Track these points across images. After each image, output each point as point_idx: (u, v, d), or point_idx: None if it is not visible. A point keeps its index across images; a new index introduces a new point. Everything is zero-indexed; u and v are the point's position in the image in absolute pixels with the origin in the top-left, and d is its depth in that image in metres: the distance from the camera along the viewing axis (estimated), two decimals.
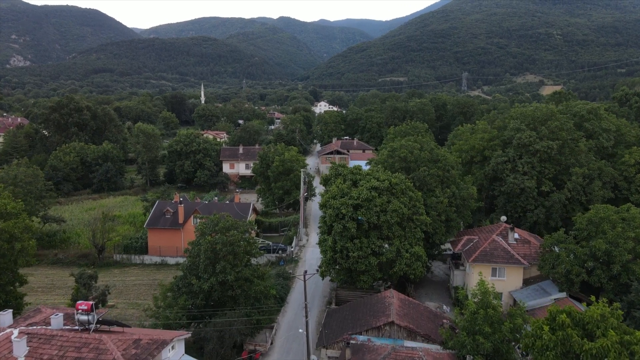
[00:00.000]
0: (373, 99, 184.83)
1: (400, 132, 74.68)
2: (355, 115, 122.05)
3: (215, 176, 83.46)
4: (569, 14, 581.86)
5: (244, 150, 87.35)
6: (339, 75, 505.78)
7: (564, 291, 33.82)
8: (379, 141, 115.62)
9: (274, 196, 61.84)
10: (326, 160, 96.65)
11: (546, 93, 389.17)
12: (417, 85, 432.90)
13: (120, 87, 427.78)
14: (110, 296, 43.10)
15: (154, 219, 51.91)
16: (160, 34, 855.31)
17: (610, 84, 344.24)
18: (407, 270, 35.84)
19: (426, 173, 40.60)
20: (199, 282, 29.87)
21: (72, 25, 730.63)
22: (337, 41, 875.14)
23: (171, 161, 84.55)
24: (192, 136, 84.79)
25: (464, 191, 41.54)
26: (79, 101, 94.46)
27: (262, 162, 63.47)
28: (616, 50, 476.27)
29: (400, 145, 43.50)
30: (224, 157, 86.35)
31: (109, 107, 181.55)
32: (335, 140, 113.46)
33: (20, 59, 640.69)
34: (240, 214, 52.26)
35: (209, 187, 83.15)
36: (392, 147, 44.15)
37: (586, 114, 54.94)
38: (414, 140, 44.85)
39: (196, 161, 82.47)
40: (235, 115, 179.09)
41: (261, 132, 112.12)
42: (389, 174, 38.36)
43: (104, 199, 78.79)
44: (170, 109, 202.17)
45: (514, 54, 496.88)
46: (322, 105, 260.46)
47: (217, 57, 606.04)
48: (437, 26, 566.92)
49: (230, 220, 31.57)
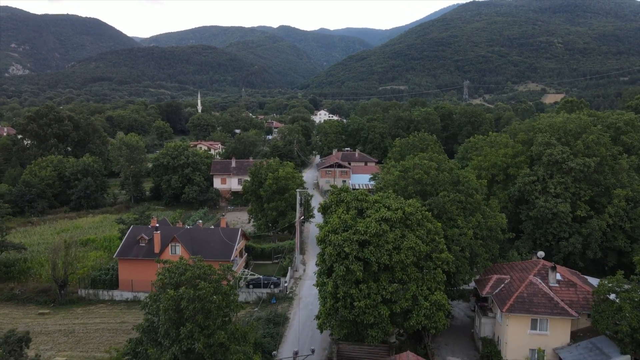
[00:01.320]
0: (374, 108, 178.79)
1: (406, 144, 68.05)
2: (356, 125, 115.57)
3: (205, 192, 76.52)
4: (569, 23, 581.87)
5: (237, 164, 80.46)
6: (339, 83, 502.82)
7: (627, 353, 26.62)
8: (382, 152, 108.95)
9: (267, 218, 54.78)
10: (326, 174, 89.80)
11: (548, 101, 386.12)
12: (418, 93, 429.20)
13: (119, 96, 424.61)
14: (64, 345, 35.93)
15: (126, 247, 44.72)
16: (160, 42, 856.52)
17: (615, 93, 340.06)
18: (427, 323, 28.68)
19: (446, 199, 33.59)
20: (157, 351, 22.68)
21: (72, 34, 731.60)
22: (337, 50, 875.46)
23: (157, 176, 77.68)
24: (181, 149, 78.04)
25: (490, 220, 34.46)
26: (60, 111, 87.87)
27: (253, 179, 56.51)
28: (618, 59, 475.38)
29: (413, 165, 36.53)
30: (214, 171, 79.41)
31: (101, 116, 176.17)
32: (335, 151, 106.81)
33: (19, 68, 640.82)
34: (226, 242, 45.17)
35: (198, 204, 76.16)
36: (404, 166, 37.14)
37: (623, 126, 48.10)
38: (429, 158, 37.89)
39: (184, 176, 75.60)
40: (232, 125, 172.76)
41: (257, 144, 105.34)
42: (401, 201, 31.35)
43: (82, 217, 71.66)
44: (166, 118, 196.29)
45: (515, 62, 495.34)
46: (321, 114, 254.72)
47: (216, 66, 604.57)
48: (438, 34, 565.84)
49: (201, 268, 24.42)
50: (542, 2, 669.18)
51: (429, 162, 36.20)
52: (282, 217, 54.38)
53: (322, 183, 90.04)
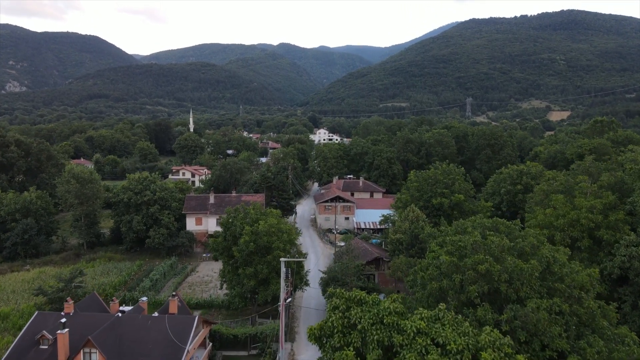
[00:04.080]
0: (378, 127, 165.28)
1: (426, 179, 53.46)
2: (360, 148, 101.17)
3: (174, 236, 61.35)
4: (570, 40, 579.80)
5: (217, 201, 65.37)
6: (339, 100, 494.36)
7: None
8: (390, 180, 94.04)
9: (243, 287, 39.46)
10: (325, 209, 74.72)
11: (554, 118, 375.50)
12: (419, 110, 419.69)
13: (114, 113, 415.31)
14: None
15: (18, 351, 29.34)
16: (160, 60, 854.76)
17: (624, 110, 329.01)
18: None
19: (541, 312, 18.48)
20: None
21: (71, 51, 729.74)
22: (337, 67, 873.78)
23: (117, 215, 62.69)
24: (146, 182, 63.24)
25: (619, 352, 19.14)
26: (5, 134, 73.32)
27: (225, 232, 41.41)
28: (622, 76, 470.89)
29: (471, 243, 21.49)
30: (188, 209, 64.22)
31: (81, 136, 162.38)
32: (336, 179, 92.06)
33: (16, 85, 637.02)
34: (173, 342, 29.76)
35: (165, 252, 60.88)
36: (458, 245, 22.00)
37: None
38: (494, 226, 22.88)
39: (149, 216, 60.60)
40: (223, 146, 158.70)
41: (246, 171, 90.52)
42: (466, 328, 16.36)
43: (15, 271, 56.27)
44: (154, 137, 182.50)
45: (517, 79, 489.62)
46: (321, 133, 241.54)
47: (215, 83, 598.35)
48: (438, 51, 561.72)
49: None
50: (542, 19, 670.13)
51: (500, 240, 21.13)
52: (264, 286, 39.09)
53: (321, 220, 74.89)
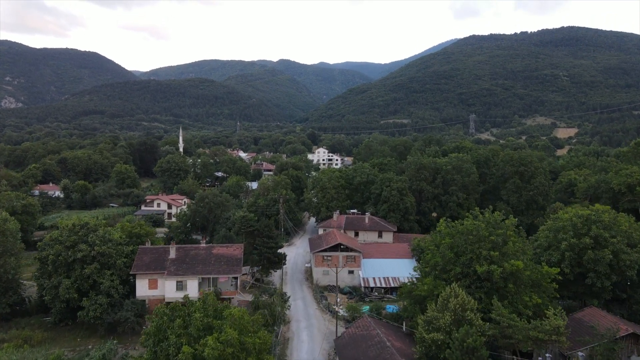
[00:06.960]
0: (382, 147, 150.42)
1: (463, 234, 38.03)
2: (364, 176, 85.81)
3: (119, 306, 45.28)
4: (572, 56, 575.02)
5: (179, 254, 49.35)
6: (339, 117, 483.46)
7: None
8: (402, 216, 78.09)
9: None
10: (323, 260, 58.59)
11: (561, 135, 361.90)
12: (421, 127, 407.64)
13: (109, 130, 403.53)
14: None
15: None
16: (160, 76, 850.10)
17: (635, 127, 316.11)
18: None
19: None
20: None
21: (69, 67, 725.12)
22: (336, 83, 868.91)
23: (42, 276, 46.75)
24: (85, 229, 47.57)
25: None
26: None
27: (152, 353, 25.58)
28: (627, 92, 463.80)
29: None
30: (139, 268, 48.05)
31: (54, 157, 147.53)
32: (336, 214, 76.26)
33: (12, 101, 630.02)
34: None
35: (105, 328, 44.73)
36: None
37: None
38: None
39: (85, 278, 44.73)
40: (212, 168, 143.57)
41: (228, 205, 74.69)
42: None
43: None
44: (138, 158, 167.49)
45: (520, 95, 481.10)
46: (320, 153, 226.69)
47: (213, 99, 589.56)
48: (439, 67, 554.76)
49: None
50: (542, 36, 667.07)
51: None
52: None
53: (318, 275, 58.67)
